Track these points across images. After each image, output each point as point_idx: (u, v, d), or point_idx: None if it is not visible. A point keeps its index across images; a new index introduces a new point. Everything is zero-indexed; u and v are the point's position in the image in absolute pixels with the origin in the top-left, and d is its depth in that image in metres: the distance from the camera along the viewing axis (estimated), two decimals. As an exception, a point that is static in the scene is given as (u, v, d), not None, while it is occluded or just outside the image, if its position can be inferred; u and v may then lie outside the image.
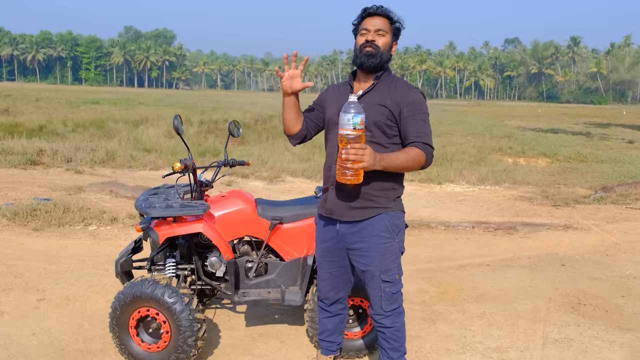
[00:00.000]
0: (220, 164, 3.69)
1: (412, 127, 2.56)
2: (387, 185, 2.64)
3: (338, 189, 2.65)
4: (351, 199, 2.63)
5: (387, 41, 2.63)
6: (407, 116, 2.56)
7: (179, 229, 3.20)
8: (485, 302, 4.30)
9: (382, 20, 2.63)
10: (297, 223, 3.45)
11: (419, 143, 2.53)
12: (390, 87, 2.63)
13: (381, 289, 2.68)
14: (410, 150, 2.53)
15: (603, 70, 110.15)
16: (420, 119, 2.57)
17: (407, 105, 2.57)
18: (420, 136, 2.55)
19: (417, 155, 2.51)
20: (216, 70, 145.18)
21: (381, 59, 2.62)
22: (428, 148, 2.54)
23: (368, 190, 2.61)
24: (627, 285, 4.73)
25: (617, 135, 25.75)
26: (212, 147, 14.30)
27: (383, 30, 2.61)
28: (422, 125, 2.57)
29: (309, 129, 2.86)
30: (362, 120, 2.38)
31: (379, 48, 2.60)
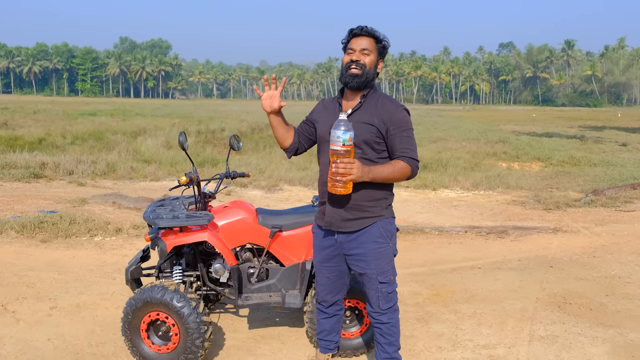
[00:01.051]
0: (222, 176, 3.92)
1: (399, 143, 2.80)
2: (379, 195, 2.87)
3: (335, 202, 2.87)
4: (348, 211, 2.86)
5: (372, 60, 2.85)
6: (394, 133, 2.80)
7: (185, 238, 3.42)
8: (476, 303, 4.52)
9: (368, 40, 2.84)
10: (296, 231, 3.67)
11: (405, 157, 2.77)
12: (376, 105, 2.85)
13: (378, 290, 2.92)
14: (396, 163, 2.78)
15: (598, 73, 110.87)
16: (405, 135, 2.81)
17: (393, 124, 2.79)
18: (406, 151, 2.79)
19: (402, 168, 2.76)
20: (212, 79, 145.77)
21: (366, 78, 2.84)
22: (413, 162, 2.79)
23: (362, 202, 2.84)
24: (612, 285, 4.96)
25: (611, 138, 26.05)
26: (210, 157, 14.53)
27: (368, 50, 2.83)
28: (407, 140, 2.81)
29: (301, 142, 3.09)
30: (350, 137, 2.62)
31: (364, 67, 2.82)
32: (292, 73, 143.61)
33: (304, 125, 3.10)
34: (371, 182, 2.75)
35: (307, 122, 3.11)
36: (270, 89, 2.97)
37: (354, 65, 2.83)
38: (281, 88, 2.99)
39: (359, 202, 2.85)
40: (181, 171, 11.88)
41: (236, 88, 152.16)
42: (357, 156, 2.76)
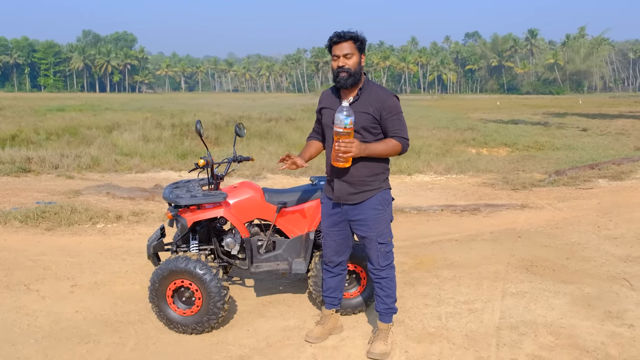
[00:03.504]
0: (230, 160, 4.38)
1: (391, 125, 3.34)
2: (377, 170, 3.41)
3: (342, 180, 3.40)
4: (352, 186, 3.39)
5: (355, 61, 3.34)
6: (386, 117, 3.33)
7: (204, 214, 3.89)
8: (455, 269, 5.10)
9: (347, 43, 3.32)
10: (299, 206, 4.17)
11: (396, 136, 3.31)
12: (370, 95, 3.37)
13: (378, 249, 3.45)
14: (389, 140, 3.33)
15: (560, 61, 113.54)
16: (396, 118, 3.35)
17: (385, 109, 3.33)
18: (397, 131, 3.34)
19: (394, 145, 3.32)
20: (179, 72, 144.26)
21: (355, 77, 3.35)
22: (403, 140, 3.34)
23: (364, 177, 3.37)
24: (572, 250, 5.60)
25: (572, 124, 27.19)
26: (189, 149, 14.88)
27: (350, 53, 3.32)
28: (397, 122, 3.34)
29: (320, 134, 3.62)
30: (351, 121, 3.16)
31: (350, 70, 3.32)
32: (261, 65, 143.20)
33: (319, 118, 3.60)
34: (370, 158, 3.32)
35: (318, 113, 3.61)
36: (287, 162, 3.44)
37: (341, 70, 3.33)
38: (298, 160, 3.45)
39: (361, 178, 3.37)
40: (165, 163, 12.24)
41: (204, 81, 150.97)
42: (359, 139, 3.28)
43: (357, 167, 3.35)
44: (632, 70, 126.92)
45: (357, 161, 3.30)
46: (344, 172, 3.37)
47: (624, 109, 40.79)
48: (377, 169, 3.41)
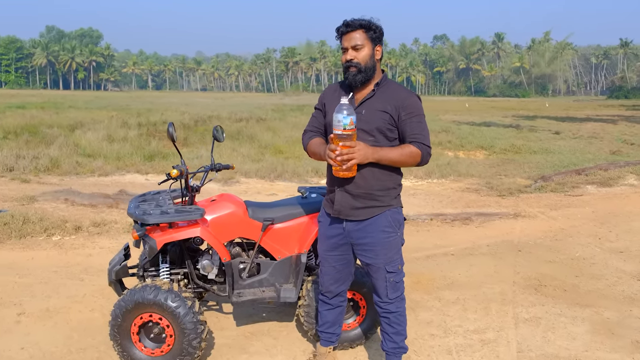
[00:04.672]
0: (207, 168, 3.77)
1: (409, 129, 2.78)
2: (389, 184, 2.85)
3: (345, 190, 2.83)
4: (357, 199, 2.82)
5: (366, 53, 2.79)
6: (405, 119, 2.78)
7: (176, 235, 3.27)
8: (457, 289, 4.59)
9: (357, 33, 2.78)
10: (288, 223, 3.60)
11: (415, 142, 2.76)
12: (389, 93, 2.83)
13: (386, 279, 2.90)
14: (405, 146, 2.76)
15: (525, 64, 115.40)
16: (416, 120, 2.79)
17: (405, 109, 2.77)
18: (417, 136, 2.77)
19: (412, 152, 2.74)
20: (146, 70, 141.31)
21: (366, 73, 2.80)
22: (424, 147, 2.77)
23: (372, 190, 2.81)
24: (579, 266, 5.16)
25: (543, 127, 27.19)
26: (156, 150, 14.09)
27: (360, 45, 2.77)
28: (417, 126, 2.79)
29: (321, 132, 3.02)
30: (352, 121, 2.59)
31: (360, 64, 2.77)
32: (230, 64, 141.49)
33: (319, 115, 3.02)
34: (381, 167, 2.76)
35: (320, 109, 3.03)
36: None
37: (349, 64, 2.79)
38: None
39: (370, 191, 2.82)
40: (130, 165, 11.46)
41: (172, 79, 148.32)
42: (370, 143, 2.73)
43: (365, 176, 2.79)
44: (594, 74, 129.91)
45: (365, 169, 2.75)
46: (348, 181, 2.81)
47: (591, 112, 41.30)
48: (388, 182, 2.85)
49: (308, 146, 3.03)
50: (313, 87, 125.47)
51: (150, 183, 9.89)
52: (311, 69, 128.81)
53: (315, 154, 2.95)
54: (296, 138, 18.28)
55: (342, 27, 2.82)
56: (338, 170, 2.68)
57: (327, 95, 3.03)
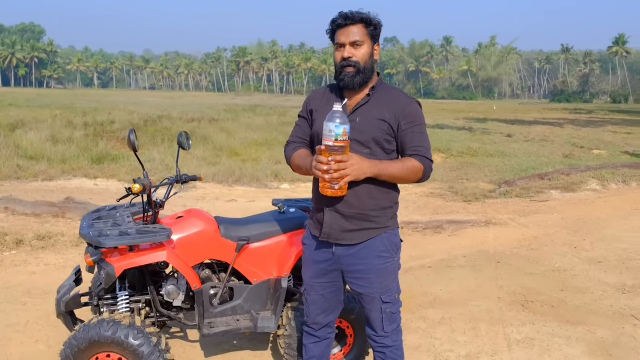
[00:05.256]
0: (172, 180, 3.32)
1: (410, 140, 2.43)
2: (385, 203, 2.50)
3: (335, 210, 2.46)
4: (350, 221, 2.46)
5: (366, 51, 2.44)
6: (405, 128, 2.43)
7: (139, 259, 2.82)
8: (441, 307, 4.30)
9: (356, 27, 2.42)
10: (265, 242, 3.21)
11: (417, 155, 2.42)
12: (387, 98, 2.47)
13: (382, 310, 2.55)
14: (407, 160, 2.42)
15: (473, 68, 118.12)
16: (417, 130, 2.45)
17: (405, 117, 2.43)
18: (419, 149, 2.43)
19: (414, 167, 2.41)
20: (92, 67, 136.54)
21: (365, 74, 2.44)
22: (426, 161, 2.44)
23: (367, 210, 2.45)
24: (561, 279, 4.97)
25: (495, 129, 27.61)
26: (105, 151, 13.33)
27: (359, 41, 2.41)
28: (419, 137, 2.45)
29: (306, 143, 2.64)
30: (344, 131, 2.23)
31: (358, 64, 2.41)
32: (179, 62, 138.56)
33: (304, 124, 2.64)
34: (377, 183, 2.40)
35: (304, 117, 2.65)
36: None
37: (346, 63, 2.42)
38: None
39: (364, 211, 2.45)
40: (77, 169, 10.72)
41: (119, 77, 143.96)
42: (365, 156, 2.37)
43: (358, 194, 2.42)
44: (537, 78, 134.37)
45: (359, 186, 2.38)
46: (339, 199, 2.43)
47: (537, 115, 42.41)
48: (384, 201, 2.49)
49: (292, 159, 2.65)
50: (264, 87, 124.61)
51: (100, 188, 9.24)
52: (262, 68, 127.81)
53: (300, 167, 2.56)
54: (251, 139, 17.79)
55: (338, 19, 2.43)
56: (326, 188, 2.29)
57: (314, 101, 2.64)
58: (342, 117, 2.23)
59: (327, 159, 2.23)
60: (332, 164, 2.23)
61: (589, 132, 25.08)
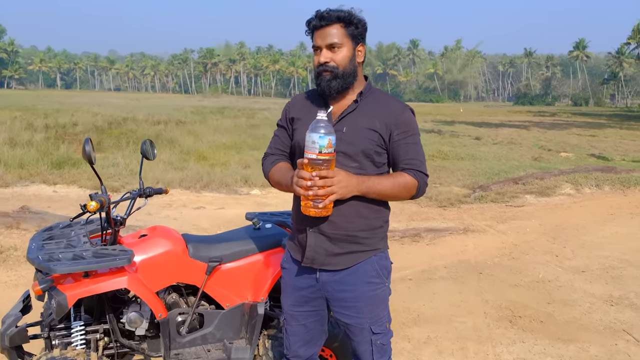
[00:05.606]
0: (134, 194, 2.98)
1: (403, 152, 2.17)
2: (376, 223, 2.23)
3: (320, 231, 2.18)
4: (336, 243, 2.19)
5: (345, 55, 2.15)
6: (398, 139, 2.16)
7: (96, 287, 2.48)
8: (425, 324, 4.06)
9: (334, 28, 2.14)
10: (238, 262, 2.89)
11: (411, 170, 2.16)
12: (377, 105, 2.20)
13: (372, 343, 2.27)
14: (399, 175, 2.15)
15: (439, 71, 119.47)
16: (411, 142, 2.18)
17: (398, 127, 2.16)
18: (413, 162, 2.17)
19: (407, 183, 2.14)
20: (55, 68, 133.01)
21: (344, 80, 2.16)
22: (421, 176, 2.18)
23: (356, 232, 2.18)
24: (547, 290, 4.79)
25: (463, 132, 27.76)
26: (66, 156, 12.75)
27: (337, 43, 2.14)
28: (413, 149, 2.19)
29: (287, 155, 2.35)
30: (330, 142, 1.95)
31: (336, 69, 2.14)
32: (145, 64, 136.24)
33: (284, 134, 2.35)
34: (366, 201, 2.14)
35: (284, 127, 2.36)
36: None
37: (323, 68, 2.15)
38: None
39: (352, 232, 2.18)
40: (35, 174, 10.17)
41: (83, 78, 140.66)
42: (354, 171, 2.11)
43: (346, 214, 2.14)
44: (501, 81, 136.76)
45: (345, 204, 2.11)
46: (323, 219, 2.15)
47: (503, 118, 42.94)
48: (374, 221, 2.22)
49: (270, 174, 2.35)
50: (232, 89, 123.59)
51: (59, 196, 8.75)
52: (230, 70, 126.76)
53: (279, 183, 2.27)
54: (220, 143, 17.37)
55: (314, 19, 2.16)
56: (309, 207, 2.01)
57: (295, 108, 2.35)
58: (327, 127, 1.96)
59: (311, 175, 1.96)
60: (316, 180, 1.95)
61: (554, 135, 25.41)
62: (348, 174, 2.04)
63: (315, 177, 1.95)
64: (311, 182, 1.95)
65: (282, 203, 8.79)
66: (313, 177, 1.95)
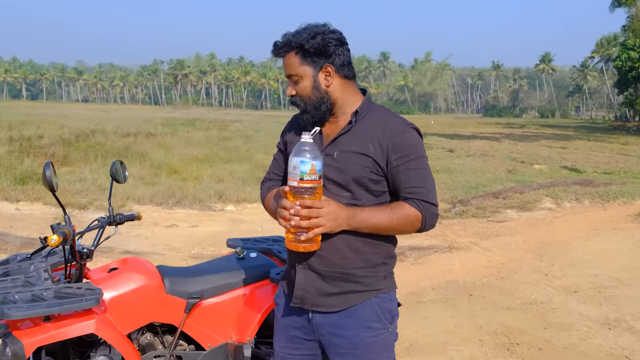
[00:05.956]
0: (103, 222, 2.66)
1: (404, 179, 1.88)
2: (376, 259, 1.96)
3: (310, 267, 1.92)
4: (329, 282, 1.93)
5: (305, 85, 1.90)
6: (398, 164, 1.87)
7: (58, 333, 2.15)
8: (420, 355, 3.80)
9: (289, 58, 1.91)
10: (221, 297, 2.61)
11: (413, 200, 1.88)
12: (374, 124, 1.92)
13: None
14: (398, 206, 1.87)
15: (409, 83, 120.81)
16: (414, 167, 1.89)
17: (398, 149, 1.87)
18: (416, 190, 1.88)
19: (408, 215, 1.86)
20: (20, 79, 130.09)
21: (316, 110, 1.92)
22: (426, 206, 1.88)
23: (352, 269, 1.92)
24: (542, 313, 4.59)
25: (436, 144, 27.81)
26: (30, 170, 12.20)
27: (293, 75, 1.92)
28: (416, 175, 1.89)
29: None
30: (313, 168, 1.71)
31: (301, 102, 1.93)
32: (114, 75, 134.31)
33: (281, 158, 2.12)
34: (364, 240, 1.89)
35: (281, 150, 2.11)
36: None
37: (292, 100, 1.97)
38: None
39: (346, 270, 1.91)
40: (-4, 192, 9.62)
41: (50, 89, 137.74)
42: (347, 202, 1.86)
43: (338, 248, 1.88)
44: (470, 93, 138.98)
45: (336, 236, 1.85)
46: (312, 253, 1.88)
47: (474, 130, 43.39)
48: (374, 256, 1.94)
49: (265, 201, 2.12)
50: (203, 100, 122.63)
51: (22, 214, 8.27)
52: (201, 82, 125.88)
53: (272, 212, 2.02)
54: (192, 156, 16.95)
55: (273, 50, 1.95)
56: (291, 241, 1.77)
57: (290, 130, 2.12)
58: (312, 151, 1.73)
59: (292, 204, 1.73)
60: (298, 209, 1.72)
61: (526, 147, 25.66)
62: (339, 205, 1.79)
63: (297, 206, 1.71)
64: (293, 210, 1.72)
65: (258, 220, 8.48)
66: (295, 206, 1.72)
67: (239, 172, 13.34)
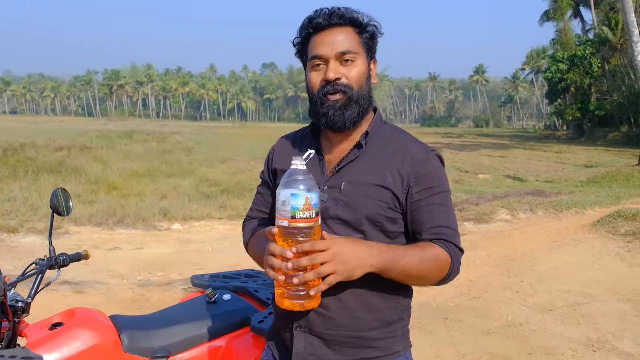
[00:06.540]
0: (43, 267, 2.15)
1: (427, 217, 1.52)
2: (392, 316, 1.58)
3: (310, 333, 1.54)
4: (335, 349, 1.54)
5: (361, 70, 1.52)
6: (419, 199, 1.52)
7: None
8: (406, 394, 3.45)
9: (346, 32, 1.51)
10: (192, 352, 2.16)
11: (442, 242, 1.51)
12: (389, 149, 1.56)
13: None
14: (428, 247, 1.49)
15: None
16: (439, 202, 1.53)
17: (420, 182, 1.52)
18: (443, 232, 1.53)
19: (439, 259, 1.49)
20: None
21: (361, 107, 1.54)
22: (456, 251, 1.53)
23: (364, 332, 1.54)
24: (522, 337, 4.35)
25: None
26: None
27: (352, 53, 1.50)
28: (442, 213, 1.54)
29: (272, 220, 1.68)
30: (307, 202, 1.32)
31: (351, 90, 1.51)
32: (45, 85, 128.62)
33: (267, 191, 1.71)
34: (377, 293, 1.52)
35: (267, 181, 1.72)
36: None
37: (334, 89, 1.50)
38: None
39: (359, 333, 1.53)
40: None
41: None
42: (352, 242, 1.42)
43: (349, 306, 1.51)
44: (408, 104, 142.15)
45: (346, 291, 1.48)
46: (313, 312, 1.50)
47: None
48: (391, 313, 1.57)
49: (249, 246, 1.71)
50: (140, 112, 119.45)
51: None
52: (138, 93, 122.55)
53: (258, 259, 1.60)
54: (131, 170, 16.08)
55: (318, 17, 1.51)
56: (284, 297, 1.36)
57: (279, 156, 1.72)
58: (307, 181, 1.34)
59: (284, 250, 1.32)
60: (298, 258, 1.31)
61: (467, 157, 26.11)
62: (348, 240, 1.39)
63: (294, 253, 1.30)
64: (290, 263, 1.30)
65: (208, 239, 7.96)
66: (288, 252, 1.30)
67: (183, 187, 12.71)
